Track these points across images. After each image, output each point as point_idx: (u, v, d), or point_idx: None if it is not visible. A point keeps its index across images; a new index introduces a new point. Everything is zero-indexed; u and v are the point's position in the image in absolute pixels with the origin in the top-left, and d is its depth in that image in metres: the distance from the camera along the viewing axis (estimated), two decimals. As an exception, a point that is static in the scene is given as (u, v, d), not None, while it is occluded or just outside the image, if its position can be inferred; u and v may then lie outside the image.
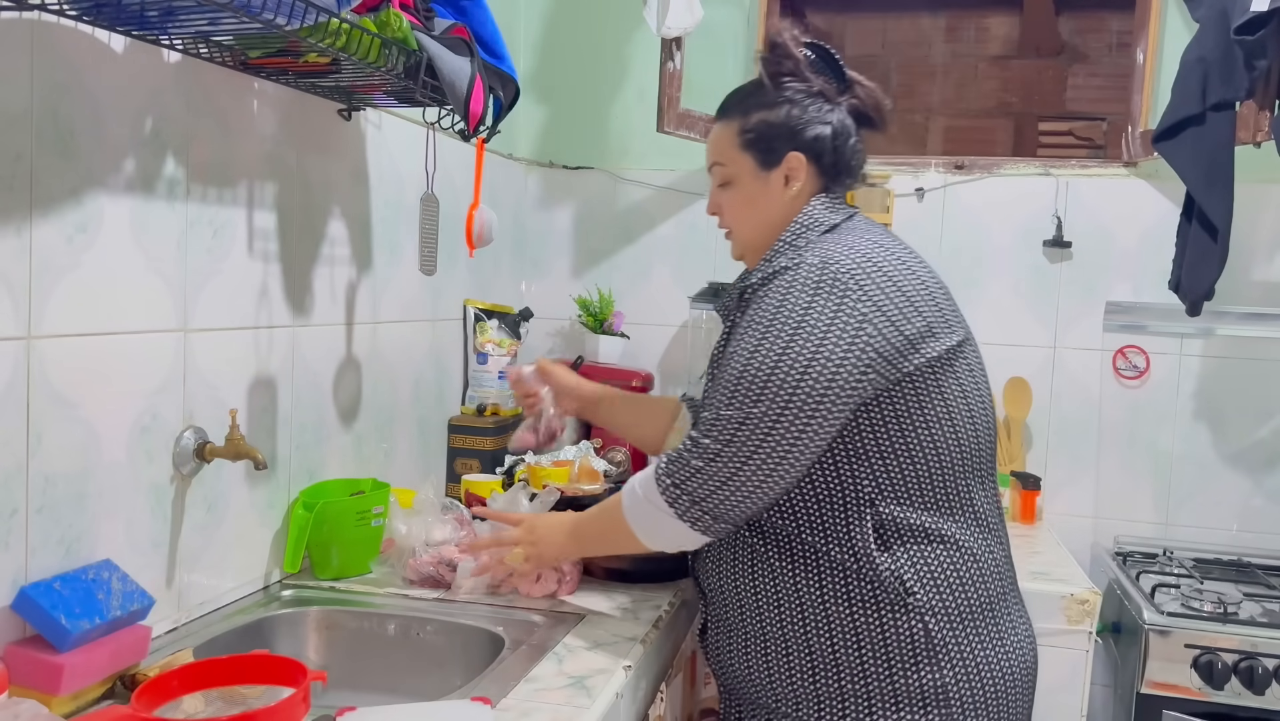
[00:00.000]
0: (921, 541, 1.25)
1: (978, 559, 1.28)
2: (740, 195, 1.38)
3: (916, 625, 1.24)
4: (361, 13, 1.27)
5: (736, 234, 1.42)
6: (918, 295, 1.27)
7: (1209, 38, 1.96)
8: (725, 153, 1.39)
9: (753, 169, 1.37)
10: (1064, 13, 3.39)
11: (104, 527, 1.23)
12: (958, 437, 1.27)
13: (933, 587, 1.25)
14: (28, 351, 1.11)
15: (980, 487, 1.31)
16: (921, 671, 1.24)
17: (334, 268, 1.71)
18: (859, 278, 1.24)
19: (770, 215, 1.37)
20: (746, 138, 1.36)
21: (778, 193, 1.37)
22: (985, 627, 1.28)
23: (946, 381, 1.26)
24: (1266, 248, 2.27)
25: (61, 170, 1.15)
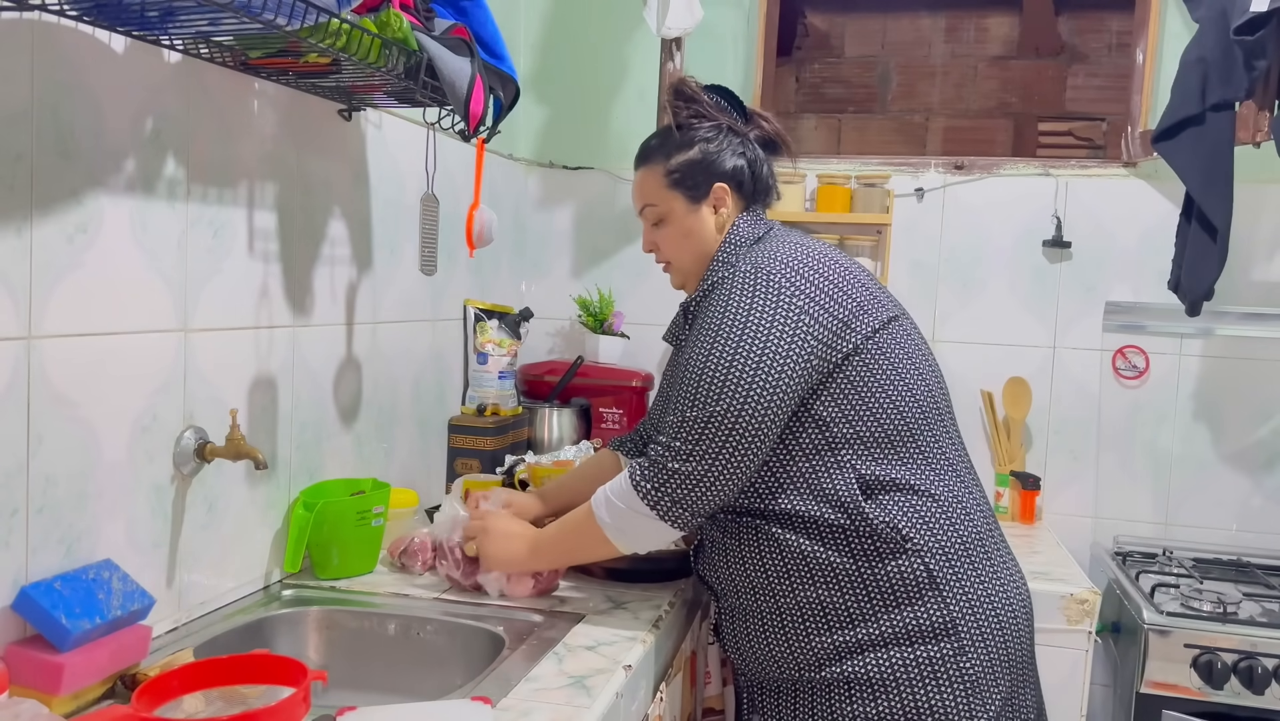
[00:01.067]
0: (904, 492, 1.36)
1: (959, 501, 1.39)
2: (675, 230, 1.52)
3: (918, 566, 1.34)
4: (362, 13, 1.27)
5: (676, 265, 1.56)
6: (843, 282, 1.39)
7: (1208, 38, 1.97)
8: (655, 194, 1.53)
9: (684, 205, 1.52)
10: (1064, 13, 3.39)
11: (104, 527, 1.24)
12: (913, 395, 1.39)
13: (926, 531, 1.35)
14: (28, 351, 1.12)
15: (945, 438, 1.43)
16: (930, 608, 1.34)
17: (334, 268, 1.71)
18: (789, 275, 1.37)
19: (704, 242, 1.52)
20: (672, 178, 1.51)
21: (708, 221, 1.52)
22: (979, 563, 1.38)
23: (889, 348, 1.39)
24: (1266, 248, 2.27)
25: (62, 170, 1.15)
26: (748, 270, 1.38)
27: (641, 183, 1.55)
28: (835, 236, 2.42)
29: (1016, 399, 2.41)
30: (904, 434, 1.38)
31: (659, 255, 1.58)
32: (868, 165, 2.50)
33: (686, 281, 1.56)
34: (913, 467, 1.37)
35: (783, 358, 1.32)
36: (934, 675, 1.33)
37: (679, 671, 1.61)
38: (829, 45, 3.51)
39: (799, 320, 1.34)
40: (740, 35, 2.54)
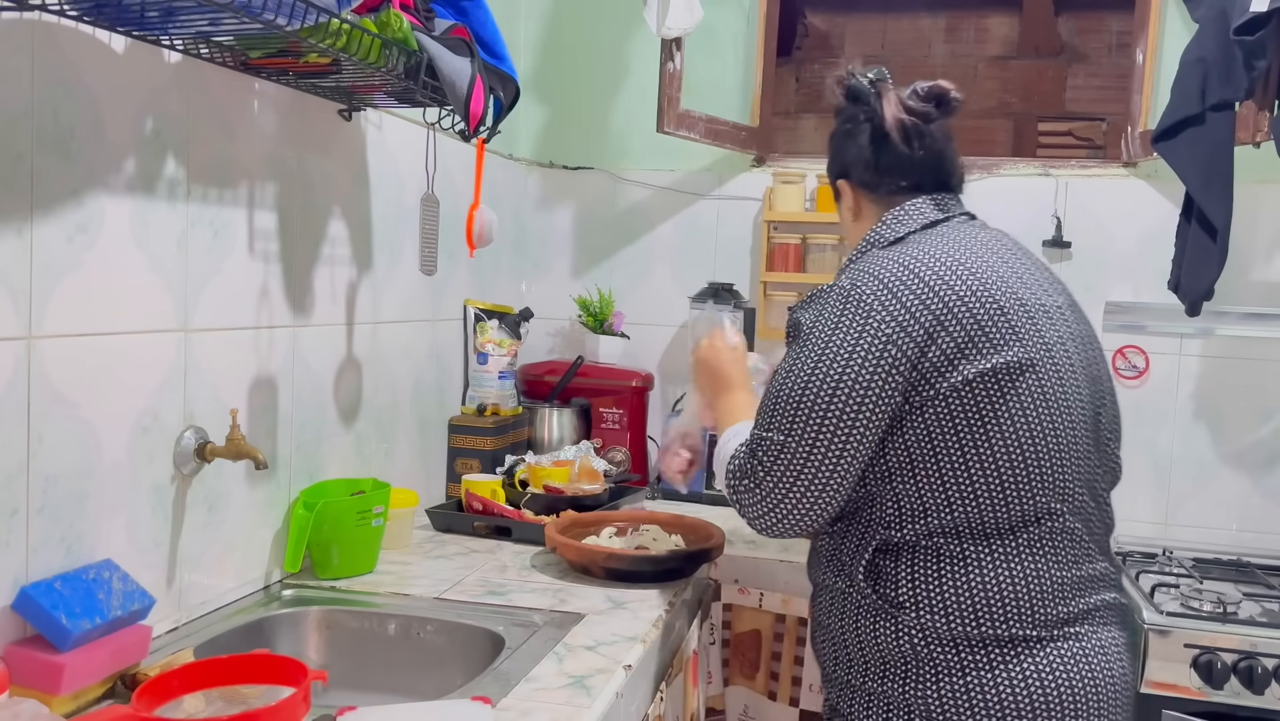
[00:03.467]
0: (930, 559, 1.24)
1: (1000, 585, 1.22)
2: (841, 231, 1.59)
3: (904, 641, 1.25)
4: (362, 13, 1.27)
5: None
6: (955, 312, 1.23)
7: (1208, 38, 1.96)
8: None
9: (839, 210, 1.52)
10: (1063, 13, 3.39)
11: (105, 527, 1.24)
12: (995, 462, 1.22)
13: (927, 607, 1.23)
14: (28, 351, 1.12)
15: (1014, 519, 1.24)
16: (909, 685, 1.25)
17: (334, 268, 1.71)
18: (883, 298, 1.24)
19: (854, 240, 1.46)
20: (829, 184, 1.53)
21: (846, 221, 1.50)
22: (993, 654, 1.22)
23: (986, 402, 1.22)
24: (1266, 248, 2.27)
25: (62, 170, 1.15)
26: (844, 285, 1.28)
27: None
28: (836, 236, 2.42)
29: (1016, 399, 2.40)
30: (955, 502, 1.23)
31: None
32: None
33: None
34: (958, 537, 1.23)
35: (863, 386, 1.21)
36: None
37: (679, 671, 1.61)
38: (829, 45, 3.51)
39: (885, 349, 1.21)
40: (740, 35, 2.54)
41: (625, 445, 2.41)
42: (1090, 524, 1.31)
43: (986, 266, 1.28)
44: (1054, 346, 1.27)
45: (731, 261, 2.54)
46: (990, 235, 1.37)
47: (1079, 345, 1.33)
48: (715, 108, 2.41)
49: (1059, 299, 1.35)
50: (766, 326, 2.45)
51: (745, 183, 2.52)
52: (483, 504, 1.95)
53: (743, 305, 2.38)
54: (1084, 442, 1.30)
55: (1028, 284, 1.30)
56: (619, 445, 2.40)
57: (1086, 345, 1.35)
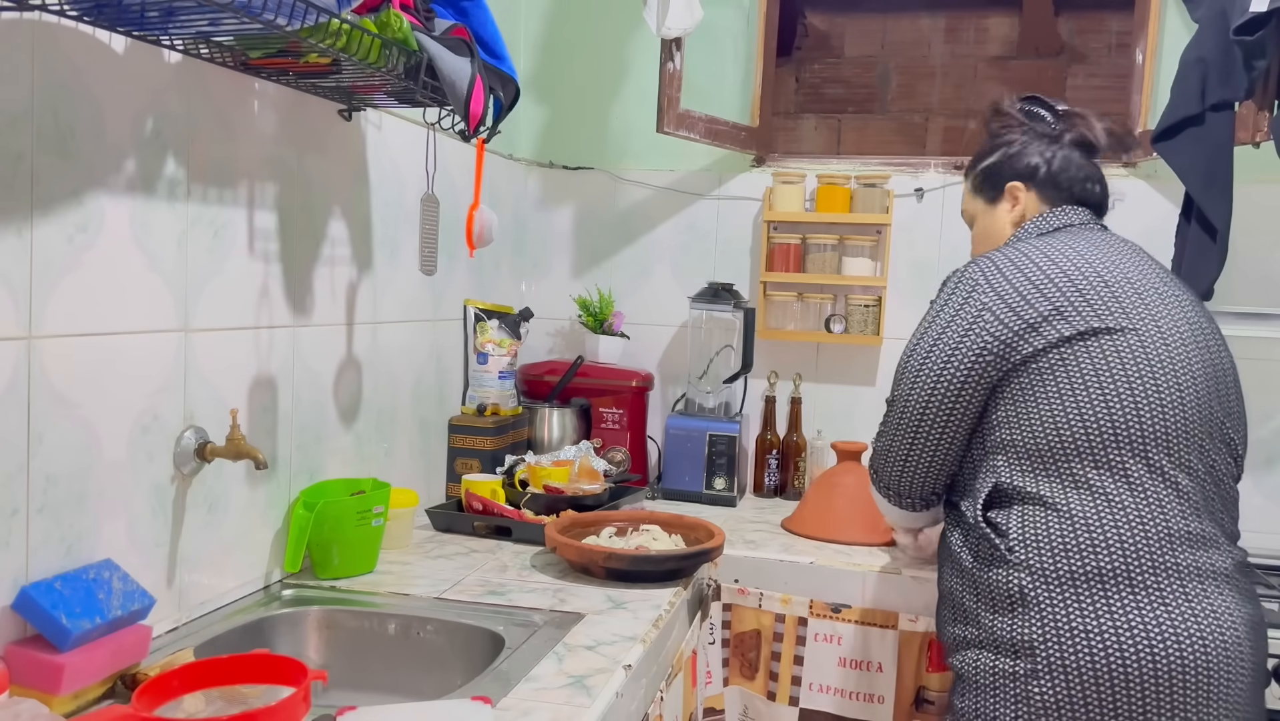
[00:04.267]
0: (1033, 504, 1.37)
1: (1090, 529, 1.34)
2: (978, 230, 1.68)
3: (1013, 580, 1.36)
4: (362, 13, 1.27)
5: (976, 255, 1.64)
6: (1055, 284, 1.41)
7: (1208, 38, 1.96)
8: (966, 201, 1.72)
9: (983, 206, 1.67)
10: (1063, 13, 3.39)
11: (105, 527, 1.24)
12: (1084, 415, 1.36)
13: (1034, 548, 1.35)
14: (28, 351, 1.12)
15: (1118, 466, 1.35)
16: (1015, 623, 1.35)
17: (334, 268, 1.71)
18: (988, 274, 1.45)
19: (998, 239, 1.63)
20: (975, 184, 1.69)
21: (1003, 218, 1.64)
22: (1088, 596, 1.32)
23: (1077, 360, 1.37)
24: (1265, 248, 2.27)
25: (62, 170, 1.15)
26: (962, 268, 1.49)
27: (962, 197, 1.74)
28: (835, 236, 2.42)
29: (1016, 399, 2.40)
30: (1057, 451, 1.36)
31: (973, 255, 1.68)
32: (867, 165, 2.50)
33: None
34: (1055, 486, 1.36)
35: (949, 351, 1.43)
36: (1001, 689, 1.36)
37: (679, 671, 1.61)
38: (829, 45, 3.51)
39: (978, 317, 1.42)
40: (740, 35, 2.54)
41: (625, 445, 2.41)
42: (1203, 488, 1.39)
43: (1096, 251, 1.46)
44: (1164, 323, 1.41)
45: (731, 261, 2.54)
46: (1116, 237, 1.55)
47: (1196, 336, 1.44)
48: (715, 108, 2.41)
49: (1180, 293, 1.48)
50: (766, 326, 2.45)
51: (745, 183, 2.53)
52: (483, 504, 1.95)
53: (743, 305, 2.38)
54: (1194, 415, 1.39)
55: (1144, 273, 1.46)
56: (619, 445, 2.40)
57: (1208, 339, 1.47)
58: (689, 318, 2.50)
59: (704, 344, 2.45)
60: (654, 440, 2.53)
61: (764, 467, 2.45)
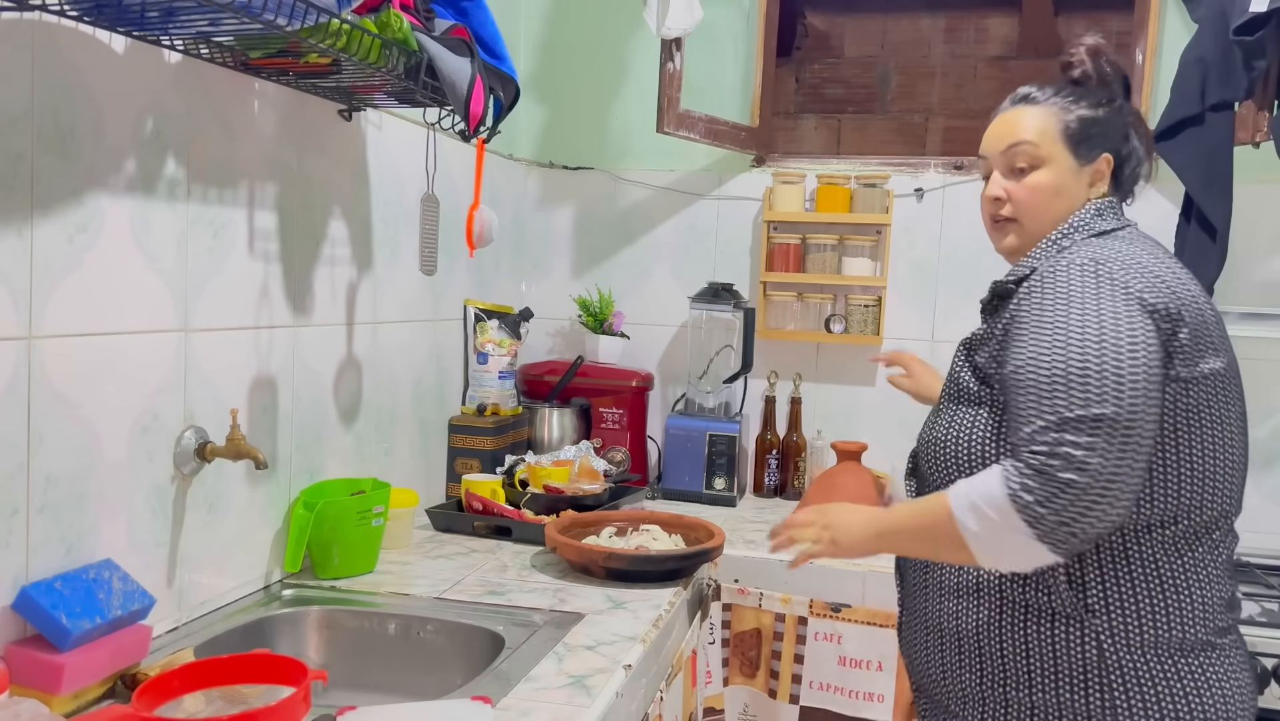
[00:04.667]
0: (1121, 560, 1.19)
1: (1191, 589, 1.20)
2: (1048, 184, 1.32)
3: (1090, 645, 1.18)
4: (362, 13, 1.27)
5: (1026, 224, 1.35)
6: (1191, 306, 1.20)
7: (1208, 38, 1.97)
8: (1041, 135, 1.33)
9: (1069, 161, 1.33)
10: (1063, 13, 3.39)
11: (105, 527, 1.24)
12: (1203, 461, 1.22)
13: (1119, 610, 1.18)
14: (29, 351, 1.12)
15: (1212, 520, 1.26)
16: (1090, 694, 1.18)
17: (334, 268, 1.71)
18: (1132, 279, 1.19)
19: (1067, 210, 1.34)
20: (1070, 128, 1.33)
21: (1082, 190, 1.34)
22: (1177, 662, 1.19)
23: (1204, 403, 1.21)
24: (1265, 248, 2.27)
25: (62, 170, 1.15)
26: (1085, 262, 1.21)
27: (1026, 119, 1.34)
28: (835, 236, 2.42)
29: (1016, 399, 2.40)
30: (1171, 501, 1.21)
31: (1003, 210, 1.36)
32: (867, 165, 2.50)
33: (1022, 247, 1.37)
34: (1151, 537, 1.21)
35: (1146, 355, 1.14)
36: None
37: (679, 671, 1.61)
38: (829, 45, 3.51)
39: (1146, 322, 1.16)
40: (740, 35, 2.54)
41: (625, 445, 2.41)
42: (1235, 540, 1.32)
43: (1190, 277, 1.27)
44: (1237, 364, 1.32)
45: (731, 261, 2.54)
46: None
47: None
48: (715, 108, 2.41)
49: None
50: (766, 326, 2.45)
51: (745, 183, 2.53)
52: (483, 504, 1.95)
53: (743, 305, 2.38)
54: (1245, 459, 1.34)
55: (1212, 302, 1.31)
56: (619, 445, 2.40)
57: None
58: (689, 318, 2.50)
59: (704, 344, 2.45)
60: (654, 440, 2.53)
61: (764, 467, 2.45)
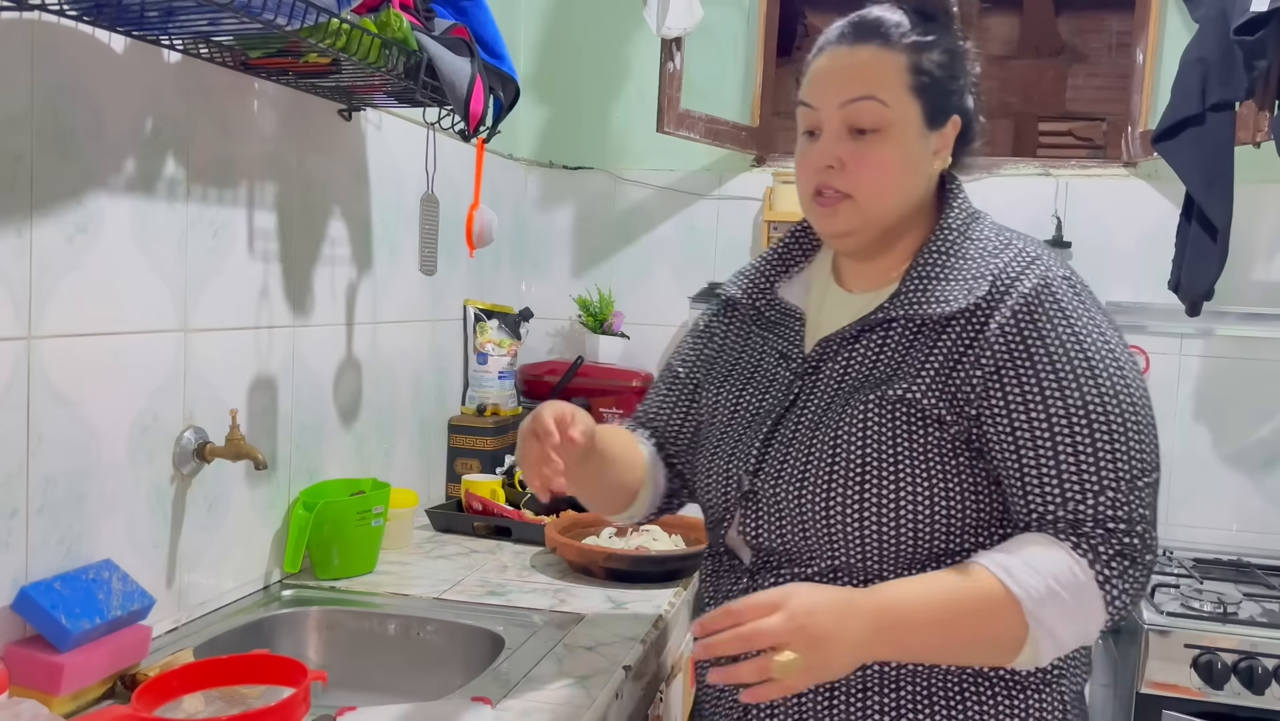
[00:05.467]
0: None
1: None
2: (895, 150, 1.04)
3: (1058, 708, 1.05)
4: (362, 13, 1.27)
5: (866, 204, 1.05)
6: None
7: (1208, 38, 1.96)
8: (888, 88, 1.03)
9: (918, 122, 1.04)
10: (1063, 13, 3.39)
11: (104, 527, 1.24)
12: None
13: (1070, 666, 1.07)
14: (28, 351, 1.12)
15: None
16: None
17: (334, 268, 1.71)
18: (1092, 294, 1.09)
19: (916, 185, 1.07)
20: (920, 80, 1.04)
21: (927, 161, 1.07)
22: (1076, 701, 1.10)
23: None
24: (1266, 248, 2.27)
25: (62, 170, 1.15)
26: (1058, 279, 1.04)
27: (877, 65, 1.03)
28: (835, 236, 2.42)
29: (1016, 399, 2.40)
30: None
31: (835, 180, 1.05)
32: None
33: (861, 230, 1.07)
34: None
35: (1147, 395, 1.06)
36: None
37: (679, 671, 1.61)
38: (829, 45, 3.51)
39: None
40: (740, 35, 2.54)
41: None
42: None
43: None
44: None
45: (731, 261, 2.53)
46: None
47: None
48: (715, 108, 2.41)
49: None
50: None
51: (745, 183, 2.52)
52: (483, 504, 1.95)
53: (743, 305, 2.38)
54: None
55: None
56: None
57: None
58: (689, 317, 2.49)
59: (704, 344, 2.45)
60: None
61: (764, 467, 2.44)
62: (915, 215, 1.11)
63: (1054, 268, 1.05)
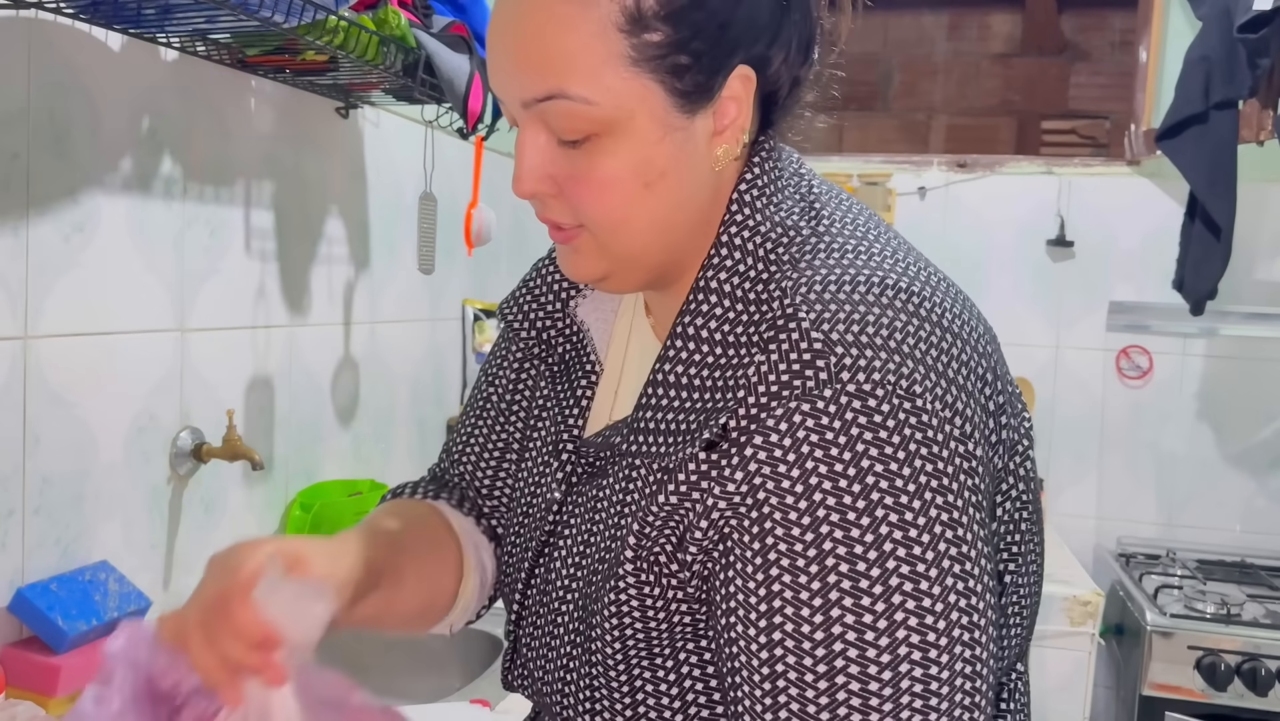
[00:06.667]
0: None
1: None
2: (626, 160, 0.65)
3: None
4: (359, 10, 1.26)
5: (603, 235, 0.68)
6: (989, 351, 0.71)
7: (1212, 36, 1.96)
8: (588, 74, 0.63)
9: (661, 108, 0.64)
10: (1066, 11, 3.38)
11: (101, 528, 1.23)
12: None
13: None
14: (24, 351, 1.11)
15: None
16: None
17: (332, 267, 1.70)
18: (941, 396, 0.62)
19: (687, 197, 0.68)
20: (646, 39, 0.62)
21: (697, 156, 0.67)
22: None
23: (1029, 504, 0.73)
24: (1270, 247, 2.26)
25: (58, 169, 1.14)
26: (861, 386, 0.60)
27: (545, 34, 0.63)
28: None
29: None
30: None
31: (555, 211, 0.68)
32: (870, 163, 2.49)
33: (617, 271, 0.70)
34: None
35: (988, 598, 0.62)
36: None
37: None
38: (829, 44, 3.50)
39: (973, 490, 0.62)
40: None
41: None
42: None
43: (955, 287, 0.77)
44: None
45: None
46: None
47: None
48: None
49: None
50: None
51: (746, 181, 2.51)
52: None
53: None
54: None
55: None
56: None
57: None
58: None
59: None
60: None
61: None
62: (710, 226, 0.70)
63: (852, 372, 0.60)
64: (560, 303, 0.81)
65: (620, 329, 0.80)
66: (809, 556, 0.59)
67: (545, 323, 0.82)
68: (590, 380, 0.79)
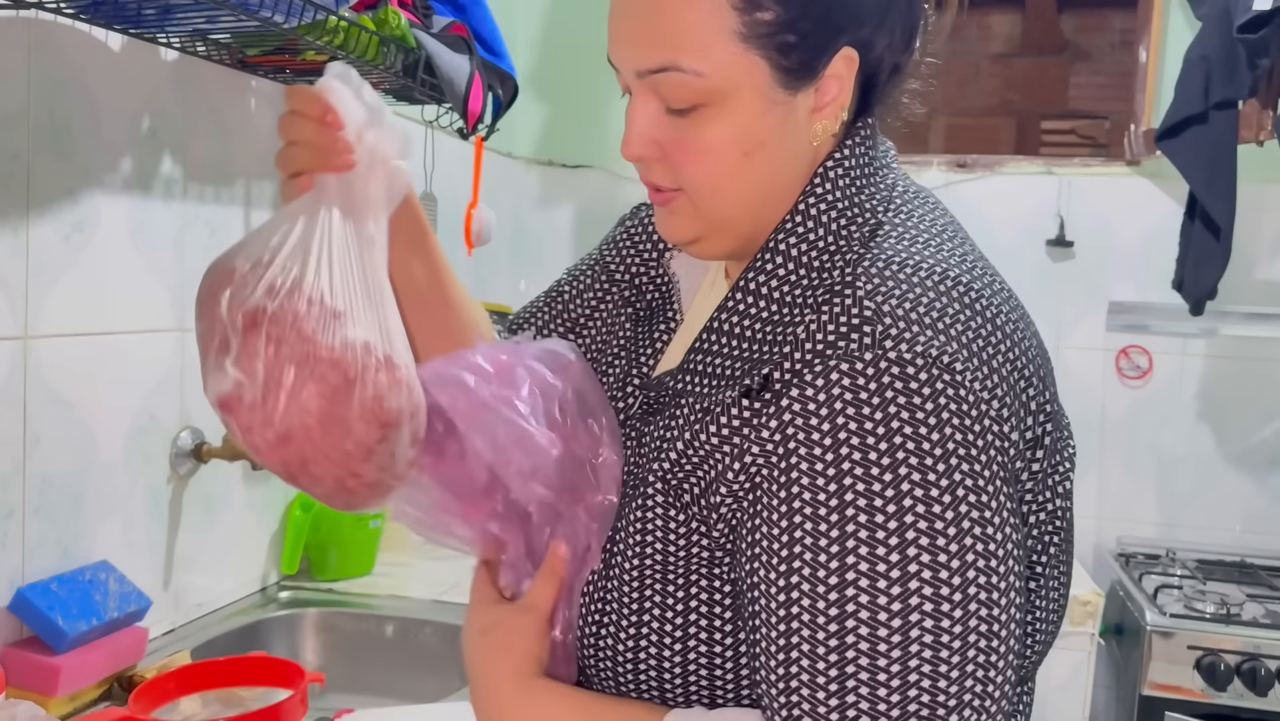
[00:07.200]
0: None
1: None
2: (730, 129, 0.68)
3: None
4: (360, 10, 1.26)
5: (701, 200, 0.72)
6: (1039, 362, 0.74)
7: (1212, 36, 1.96)
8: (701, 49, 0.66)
9: (766, 83, 0.67)
10: (1066, 11, 3.39)
11: (101, 528, 1.23)
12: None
13: None
14: (24, 351, 1.11)
15: None
16: None
17: (333, 267, 1.70)
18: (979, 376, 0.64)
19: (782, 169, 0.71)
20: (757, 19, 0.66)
21: (797, 130, 0.70)
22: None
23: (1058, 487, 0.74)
24: (1270, 247, 2.26)
25: (58, 169, 1.14)
26: (902, 354, 0.62)
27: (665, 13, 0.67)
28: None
29: (1019, 399, 2.40)
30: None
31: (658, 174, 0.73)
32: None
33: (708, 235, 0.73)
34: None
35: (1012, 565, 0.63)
36: None
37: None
38: (830, 43, 3.50)
39: (1003, 466, 0.64)
40: (741, 33, 2.53)
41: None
42: None
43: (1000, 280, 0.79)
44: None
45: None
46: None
47: None
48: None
49: None
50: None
51: (746, 181, 2.51)
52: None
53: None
54: None
55: None
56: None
57: None
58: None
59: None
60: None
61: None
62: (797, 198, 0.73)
63: (895, 341, 0.62)
64: (657, 253, 0.88)
65: (705, 285, 0.85)
66: (830, 505, 0.62)
67: (640, 269, 0.89)
68: (670, 327, 0.84)
